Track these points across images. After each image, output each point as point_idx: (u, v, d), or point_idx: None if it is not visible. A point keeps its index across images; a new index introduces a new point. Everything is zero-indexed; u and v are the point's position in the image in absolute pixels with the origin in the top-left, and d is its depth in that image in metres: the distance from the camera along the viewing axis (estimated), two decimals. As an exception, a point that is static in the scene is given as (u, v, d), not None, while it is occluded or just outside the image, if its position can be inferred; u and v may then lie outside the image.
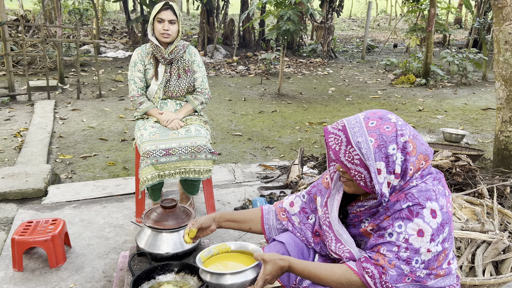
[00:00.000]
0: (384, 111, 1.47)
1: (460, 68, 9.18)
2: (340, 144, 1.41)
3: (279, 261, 1.50)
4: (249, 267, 1.53)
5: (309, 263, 1.52)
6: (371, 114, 1.45)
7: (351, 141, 1.39)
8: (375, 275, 1.39)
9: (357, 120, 1.44)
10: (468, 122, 6.41)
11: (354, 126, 1.42)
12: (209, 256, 1.70)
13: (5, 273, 2.47)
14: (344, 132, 1.42)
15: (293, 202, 1.79)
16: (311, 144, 5.18)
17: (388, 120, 1.42)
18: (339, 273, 1.46)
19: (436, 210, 1.36)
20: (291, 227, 1.78)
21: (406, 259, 1.37)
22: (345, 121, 1.45)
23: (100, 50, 11.79)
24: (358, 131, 1.40)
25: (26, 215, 3.16)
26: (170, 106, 3.08)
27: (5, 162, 4.34)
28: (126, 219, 3.12)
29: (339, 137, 1.43)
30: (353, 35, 20.04)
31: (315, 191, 1.74)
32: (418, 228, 1.36)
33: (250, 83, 9.10)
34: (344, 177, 1.49)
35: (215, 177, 3.86)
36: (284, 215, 1.80)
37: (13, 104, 6.65)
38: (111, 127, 5.68)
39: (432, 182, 1.42)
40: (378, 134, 1.39)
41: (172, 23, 2.92)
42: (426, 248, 1.36)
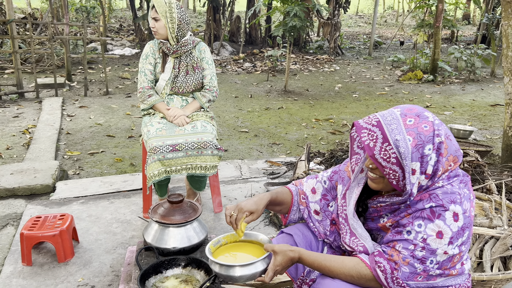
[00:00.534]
0: (419, 107, 1.41)
1: (468, 64, 9.11)
2: (376, 141, 1.35)
3: (289, 252, 1.49)
4: (259, 259, 1.51)
5: (319, 255, 1.51)
6: (407, 110, 1.39)
7: (388, 139, 1.34)
8: (387, 270, 1.38)
9: (394, 116, 1.38)
10: (476, 118, 6.36)
11: (391, 122, 1.36)
12: (218, 246, 1.68)
13: (14, 267, 2.50)
14: (380, 128, 1.36)
15: (315, 189, 1.74)
16: (317, 141, 5.17)
17: (425, 118, 1.37)
18: (350, 266, 1.45)
19: (459, 213, 1.34)
20: (306, 214, 1.75)
21: (421, 258, 1.35)
22: (379, 116, 1.39)
23: (107, 48, 11.84)
24: (396, 129, 1.35)
25: (35, 210, 3.18)
26: (176, 102, 3.09)
27: (14, 159, 4.38)
28: (133, 215, 3.14)
29: (374, 133, 1.36)
30: (360, 31, 19.95)
31: (337, 178, 1.70)
32: (438, 229, 1.34)
33: (257, 80, 9.10)
34: (374, 174, 1.44)
35: (222, 173, 3.87)
36: (304, 199, 1.77)
37: (22, 101, 6.70)
38: (118, 123, 5.70)
39: (458, 185, 1.39)
40: (416, 133, 1.33)
41: (156, 20, 2.93)
42: (443, 250, 1.34)
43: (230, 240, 1.71)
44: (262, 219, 3.10)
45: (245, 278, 1.50)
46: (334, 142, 5.08)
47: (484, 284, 2.08)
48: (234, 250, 1.68)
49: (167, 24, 2.94)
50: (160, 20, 2.93)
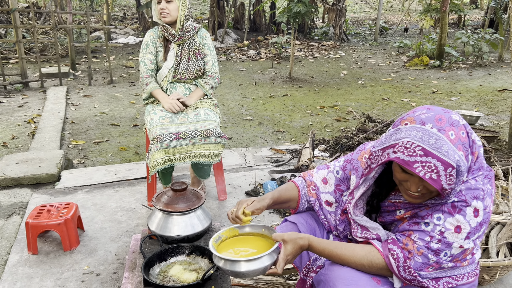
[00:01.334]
0: (441, 111, 1.31)
1: (475, 49, 8.98)
2: (438, 172, 1.24)
3: (299, 240, 1.47)
4: (265, 254, 1.43)
5: (329, 242, 1.49)
6: (439, 122, 1.27)
7: (450, 163, 1.24)
8: (400, 258, 1.37)
9: (436, 137, 1.25)
10: (483, 104, 6.29)
11: (438, 145, 1.24)
12: (220, 242, 1.59)
13: (20, 255, 2.52)
14: (432, 156, 1.24)
15: (326, 179, 1.69)
16: (322, 128, 5.14)
17: (458, 124, 1.28)
18: (361, 254, 1.43)
19: (480, 209, 1.32)
20: (318, 206, 1.71)
21: (436, 250, 1.34)
22: (419, 143, 1.26)
23: (111, 36, 11.79)
24: (449, 149, 1.24)
25: (40, 199, 3.20)
26: (179, 90, 3.07)
27: (19, 148, 4.40)
28: (138, 203, 3.14)
29: (429, 163, 1.24)
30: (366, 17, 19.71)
31: (350, 167, 1.65)
32: (457, 224, 1.32)
33: (261, 67, 9.04)
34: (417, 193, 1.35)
35: (226, 161, 3.86)
36: (314, 190, 1.72)
37: (26, 91, 6.71)
38: (123, 112, 5.70)
39: (482, 180, 1.36)
40: (461, 145, 1.27)
41: (169, 1, 2.89)
42: (459, 244, 1.33)
43: (229, 235, 1.62)
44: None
45: (251, 273, 1.43)
46: (339, 129, 5.04)
47: (490, 270, 2.07)
48: (240, 244, 1.60)
49: (180, 5, 2.91)
50: (173, 2, 2.90)
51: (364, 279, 1.41)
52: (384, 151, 1.35)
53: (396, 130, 1.34)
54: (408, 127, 1.31)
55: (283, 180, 3.32)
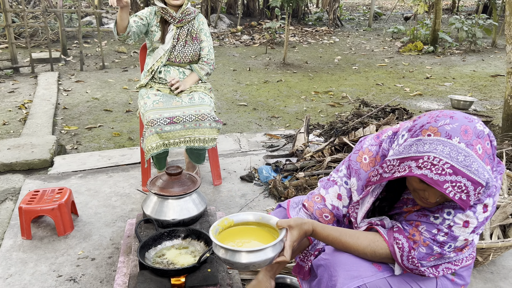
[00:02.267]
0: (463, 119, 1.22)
1: (469, 34, 8.97)
2: (468, 192, 1.17)
3: (304, 226, 1.43)
4: (270, 245, 1.36)
5: (333, 229, 1.46)
6: (464, 135, 1.19)
7: (480, 182, 1.17)
8: (405, 248, 1.35)
9: (465, 153, 1.17)
10: (476, 89, 6.30)
11: (468, 162, 1.17)
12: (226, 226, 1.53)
13: (14, 241, 2.50)
14: (462, 175, 1.16)
15: (341, 195, 1.58)
16: (316, 113, 5.13)
17: (483, 134, 1.21)
18: (365, 244, 1.41)
19: (489, 205, 1.30)
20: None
21: (441, 242, 1.33)
22: (448, 160, 1.17)
23: (103, 22, 11.63)
24: (479, 167, 1.17)
25: (33, 185, 3.17)
26: (173, 74, 3.03)
27: (11, 134, 4.35)
28: (132, 188, 3.13)
29: (460, 183, 1.16)
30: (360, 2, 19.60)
31: (349, 172, 1.57)
32: (466, 219, 1.30)
33: (255, 52, 8.97)
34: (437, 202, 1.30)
35: (221, 147, 3.85)
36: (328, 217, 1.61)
37: (17, 76, 6.62)
38: (115, 98, 5.64)
39: (496, 177, 1.32)
40: (488, 158, 1.21)
41: None
42: (464, 237, 1.32)
43: (225, 226, 1.53)
44: (261, 191, 3.09)
45: (252, 265, 1.36)
46: (333, 115, 5.04)
47: (484, 252, 2.09)
48: (240, 235, 1.52)
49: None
50: None
51: (365, 265, 1.40)
52: (403, 162, 1.24)
53: (417, 140, 1.23)
54: (432, 140, 1.20)
55: (277, 165, 3.32)
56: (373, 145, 1.49)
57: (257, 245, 1.42)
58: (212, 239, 1.42)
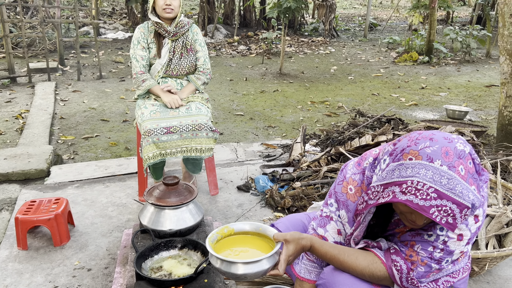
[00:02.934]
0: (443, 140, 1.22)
1: (463, 45, 9.06)
2: (454, 215, 1.17)
3: (301, 241, 1.42)
4: (266, 256, 1.36)
5: (332, 246, 1.45)
6: (445, 157, 1.18)
7: (465, 205, 1.18)
8: (404, 270, 1.35)
9: (448, 176, 1.17)
10: (471, 99, 6.35)
11: (452, 185, 1.17)
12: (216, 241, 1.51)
13: (10, 251, 2.49)
14: (447, 198, 1.17)
15: (340, 230, 1.55)
16: (313, 123, 5.16)
17: (464, 154, 1.21)
18: (363, 265, 1.40)
19: (480, 215, 1.32)
20: None
21: (439, 259, 1.33)
22: (431, 184, 1.17)
23: (100, 32, 11.68)
24: (463, 189, 1.17)
25: (29, 195, 3.17)
26: (171, 85, 3.05)
27: (7, 144, 4.34)
28: (129, 198, 3.13)
29: (445, 206, 1.17)
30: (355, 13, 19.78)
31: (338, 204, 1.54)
32: (460, 232, 1.31)
33: (252, 62, 9.02)
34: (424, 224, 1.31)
35: (218, 156, 3.86)
36: None
37: (14, 86, 6.62)
38: (113, 108, 5.65)
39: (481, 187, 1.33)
40: (471, 177, 1.21)
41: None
42: (460, 250, 1.33)
43: (225, 234, 1.54)
44: (258, 201, 3.10)
45: (249, 276, 1.37)
46: (329, 124, 5.06)
47: (480, 262, 2.10)
48: (237, 244, 1.52)
49: (181, 2, 2.91)
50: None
51: (364, 287, 1.40)
52: (387, 187, 1.24)
53: (399, 165, 1.23)
54: (414, 163, 1.20)
55: (274, 175, 3.33)
56: (356, 174, 1.47)
57: (254, 255, 1.43)
58: (208, 248, 1.43)
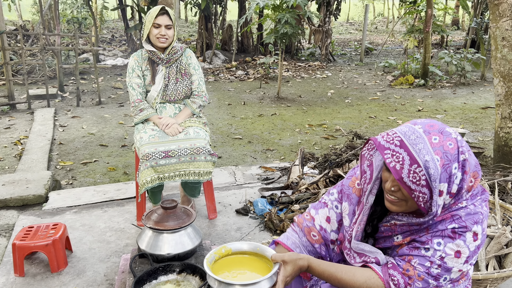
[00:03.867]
0: (437, 122, 1.34)
1: (458, 68, 9.19)
2: (402, 163, 1.26)
3: (299, 261, 1.43)
4: (264, 278, 1.37)
5: (329, 264, 1.46)
6: (429, 127, 1.30)
7: (417, 160, 1.24)
8: (401, 284, 1.36)
9: (417, 134, 1.28)
10: (467, 121, 6.40)
11: (416, 142, 1.27)
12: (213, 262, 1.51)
13: (6, 278, 2.47)
14: (405, 148, 1.26)
15: (329, 218, 1.61)
16: (311, 146, 5.18)
17: (449, 135, 1.29)
18: (361, 281, 1.41)
19: (479, 233, 1.32)
20: (324, 250, 1.63)
21: (436, 275, 1.33)
22: (400, 135, 1.29)
23: (99, 58, 11.83)
24: (423, 148, 1.26)
25: (27, 221, 3.15)
26: (169, 110, 3.08)
27: (6, 170, 4.34)
28: (127, 223, 3.11)
29: (399, 154, 1.26)
30: (351, 38, 20.10)
31: (342, 194, 1.61)
32: (457, 249, 1.32)
33: (249, 87, 9.12)
34: (395, 196, 1.36)
35: (216, 180, 3.86)
36: (316, 236, 1.63)
37: (13, 112, 6.66)
38: (111, 133, 5.68)
39: (481, 204, 1.36)
40: (442, 152, 1.26)
41: (168, 28, 2.93)
42: (458, 268, 1.33)
43: (223, 254, 1.55)
44: (257, 225, 3.09)
45: None
46: (327, 147, 5.08)
47: (480, 283, 2.08)
48: (235, 266, 1.52)
49: (175, 31, 2.97)
50: (172, 28, 2.94)
51: None
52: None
53: None
54: (401, 125, 1.36)
55: (273, 198, 3.33)
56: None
57: (252, 277, 1.43)
58: (206, 270, 1.43)
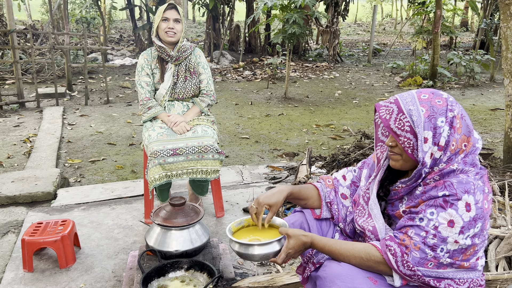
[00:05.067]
0: (437, 91, 1.49)
1: (467, 69, 9.13)
2: (391, 113, 1.46)
3: (302, 237, 1.55)
4: (275, 240, 1.60)
5: (330, 239, 1.57)
6: (424, 89, 1.50)
7: (402, 109, 1.44)
8: (398, 253, 1.41)
9: (410, 93, 1.49)
10: (477, 123, 6.36)
11: (406, 98, 1.47)
12: (240, 226, 1.78)
13: (15, 273, 2.48)
14: (396, 103, 1.47)
15: (345, 176, 1.83)
16: (318, 146, 5.17)
17: (440, 95, 1.46)
18: (359, 248, 1.50)
19: (471, 204, 1.36)
20: (333, 196, 1.80)
21: (432, 245, 1.38)
22: (397, 95, 1.51)
23: (108, 58, 11.90)
24: (410, 101, 1.45)
25: (36, 217, 3.17)
26: (178, 108, 3.09)
27: (15, 167, 4.38)
28: (135, 220, 3.12)
29: (390, 108, 1.48)
30: (359, 39, 20.04)
31: (363, 165, 1.79)
32: (450, 218, 1.36)
33: (257, 87, 9.12)
34: (392, 151, 1.52)
35: (223, 179, 3.86)
36: (330, 182, 1.84)
37: (22, 111, 6.72)
38: (119, 132, 5.70)
39: (474, 176, 1.41)
40: (429, 105, 1.42)
41: (177, 22, 2.94)
42: (453, 238, 1.36)
43: (251, 223, 1.79)
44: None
45: (262, 256, 1.60)
46: (335, 147, 5.07)
47: (490, 284, 2.06)
48: (252, 233, 1.74)
49: (184, 26, 2.98)
50: (180, 23, 2.96)
51: (361, 278, 1.44)
52: None
53: None
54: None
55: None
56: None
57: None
58: (228, 235, 1.67)
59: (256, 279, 2.23)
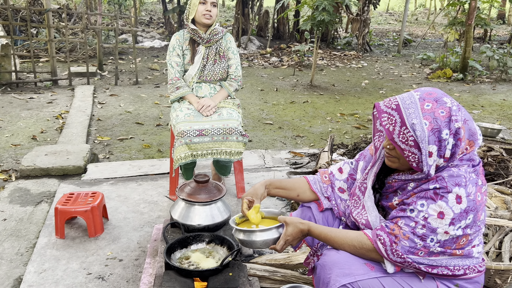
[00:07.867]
0: (439, 92, 1.46)
1: (500, 63, 8.90)
2: (394, 125, 1.43)
3: (299, 225, 1.63)
4: (274, 226, 1.69)
5: (326, 227, 1.64)
6: (426, 95, 1.44)
7: (405, 123, 1.40)
8: (387, 242, 1.46)
9: (412, 100, 1.44)
10: (505, 118, 6.24)
11: (409, 106, 1.42)
12: (243, 219, 1.87)
13: (48, 239, 2.65)
14: (398, 112, 1.43)
15: (342, 169, 1.86)
16: (341, 134, 5.20)
17: (443, 104, 1.41)
18: (353, 236, 1.56)
19: (462, 196, 1.39)
20: (330, 192, 1.85)
21: (421, 235, 1.42)
22: (398, 99, 1.45)
23: (137, 40, 12.09)
24: (413, 113, 1.41)
25: (67, 189, 3.34)
26: (205, 90, 3.18)
27: (48, 142, 4.58)
28: (160, 196, 3.26)
29: (393, 117, 1.43)
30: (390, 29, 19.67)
31: (360, 157, 1.82)
32: (440, 210, 1.39)
33: (283, 74, 9.14)
34: (390, 154, 1.52)
35: (246, 162, 3.96)
36: (326, 177, 1.88)
37: (55, 88, 6.96)
38: (147, 112, 5.86)
39: (465, 169, 1.43)
40: (432, 117, 1.39)
41: (214, 5, 3.02)
42: (443, 229, 1.39)
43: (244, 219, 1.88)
44: (283, 206, 3.17)
45: (263, 241, 1.68)
46: (358, 136, 5.09)
47: (503, 274, 2.10)
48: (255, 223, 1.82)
49: (218, 11, 3.06)
50: (216, 6, 3.04)
51: (357, 264, 1.51)
52: None
53: None
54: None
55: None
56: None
57: None
58: (232, 225, 1.78)
59: (273, 256, 2.33)
